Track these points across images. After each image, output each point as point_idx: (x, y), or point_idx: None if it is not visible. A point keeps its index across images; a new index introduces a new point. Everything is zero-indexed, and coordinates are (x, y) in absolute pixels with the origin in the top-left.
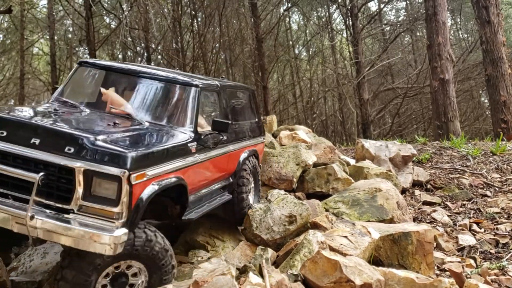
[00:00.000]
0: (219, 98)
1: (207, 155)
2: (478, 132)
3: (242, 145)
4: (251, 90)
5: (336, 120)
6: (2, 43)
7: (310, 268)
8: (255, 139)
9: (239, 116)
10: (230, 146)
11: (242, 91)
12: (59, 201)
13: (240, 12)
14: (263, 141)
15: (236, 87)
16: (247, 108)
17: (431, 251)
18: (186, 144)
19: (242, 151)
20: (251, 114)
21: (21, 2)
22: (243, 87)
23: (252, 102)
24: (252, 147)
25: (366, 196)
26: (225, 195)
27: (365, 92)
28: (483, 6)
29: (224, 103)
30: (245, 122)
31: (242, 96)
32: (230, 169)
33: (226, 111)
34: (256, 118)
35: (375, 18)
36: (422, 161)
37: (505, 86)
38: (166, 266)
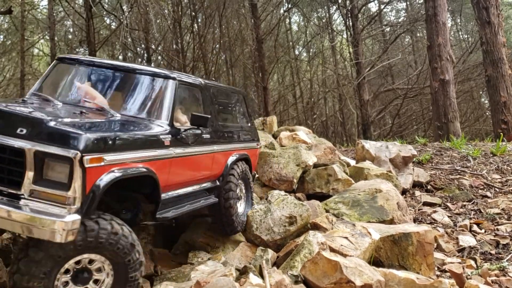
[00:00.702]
0: (202, 96)
1: (185, 150)
2: (479, 133)
3: (230, 147)
4: (243, 94)
5: (337, 121)
6: (3, 44)
7: (310, 269)
8: (246, 144)
9: (228, 118)
10: (215, 146)
11: (232, 93)
12: (10, 186)
13: (240, 13)
14: (256, 147)
15: (225, 89)
16: (238, 111)
17: (431, 252)
18: (158, 135)
19: (230, 154)
20: (242, 117)
21: (21, 2)
22: (233, 90)
23: (244, 106)
24: (242, 151)
25: (366, 197)
26: (210, 198)
27: (365, 93)
28: (483, 7)
29: (209, 102)
30: (235, 125)
31: (232, 98)
32: (216, 171)
33: (210, 110)
34: (249, 123)
35: (375, 19)
36: (422, 162)
37: (505, 87)
38: (133, 262)
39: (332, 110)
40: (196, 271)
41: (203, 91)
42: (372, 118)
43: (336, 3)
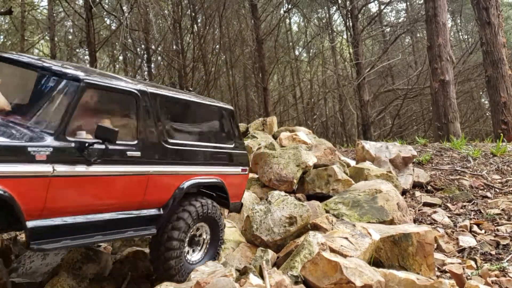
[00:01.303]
0: (138, 106)
1: (78, 169)
2: (479, 133)
3: (186, 170)
4: (229, 110)
5: (337, 121)
6: (3, 44)
7: (310, 269)
8: (222, 168)
9: (192, 136)
10: (151, 167)
11: (209, 108)
12: None
13: (240, 14)
14: (241, 173)
15: (192, 102)
16: (214, 129)
17: (431, 252)
18: (23, 147)
19: (185, 178)
20: (222, 137)
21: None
22: (212, 105)
23: (228, 124)
24: (211, 176)
25: (366, 197)
26: (147, 228)
27: (366, 93)
28: (483, 7)
29: (150, 114)
30: (203, 144)
31: (207, 114)
32: (156, 197)
33: (150, 123)
34: (234, 144)
35: (376, 19)
36: (422, 162)
37: (506, 87)
38: None
39: (332, 110)
40: (196, 271)
41: (141, 100)
42: (372, 118)
43: (336, 3)
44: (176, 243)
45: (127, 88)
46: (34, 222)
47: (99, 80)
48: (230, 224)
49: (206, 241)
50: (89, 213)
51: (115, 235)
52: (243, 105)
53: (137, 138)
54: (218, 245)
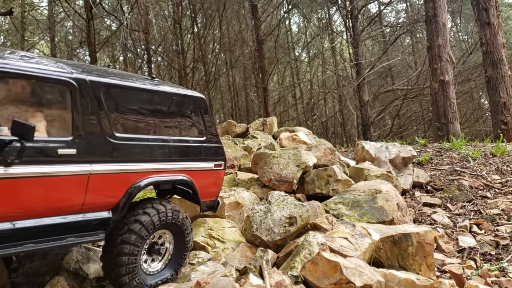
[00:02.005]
0: (74, 97)
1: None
2: (478, 133)
3: (140, 167)
4: (198, 100)
5: (336, 121)
6: (3, 45)
7: (310, 269)
8: (190, 163)
9: (146, 129)
10: (93, 166)
11: (168, 97)
12: None
13: (240, 14)
14: (214, 168)
15: (146, 90)
16: (179, 121)
17: (431, 252)
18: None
19: (139, 177)
20: (190, 129)
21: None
22: (172, 93)
23: (198, 115)
24: (176, 173)
25: (366, 197)
26: (93, 234)
27: (365, 94)
28: (483, 8)
29: (89, 106)
30: (164, 138)
31: (166, 103)
32: (100, 199)
33: (88, 116)
34: (205, 136)
35: (375, 20)
36: (422, 162)
37: (505, 88)
38: None
39: (332, 111)
40: (196, 271)
41: (78, 90)
42: (372, 119)
43: (336, 4)
44: (129, 248)
45: (58, 76)
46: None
47: (17, 68)
48: (230, 224)
49: (169, 250)
50: (13, 219)
51: (51, 243)
52: (243, 105)
53: (72, 134)
54: (183, 254)
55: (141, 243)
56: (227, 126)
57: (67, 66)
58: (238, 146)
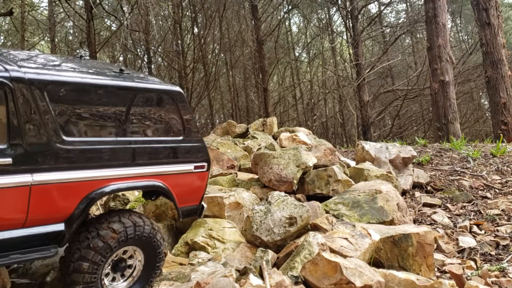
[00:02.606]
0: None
1: None
2: (478, 134)
3: (97, 175)
4: (172, 94)
5: (336, 122)
6: (3, 45)
7: (310, 269)
8: (161, 167)
9: (105, 130)
10: (35, 176)
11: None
12: None
13: (240, 14)
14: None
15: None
16: (145, 120)
17: (431, 253)
18: None
19: (97, 185)
20: (159, 129)
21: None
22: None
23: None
24: (145, 178)
25: (366, 198)
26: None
27: (365, 94)
28: (483, 8)
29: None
30: (127, 140)
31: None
32: (48, 212)
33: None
34: (181, 136)
35: (375, 20)
36: (422, 163)
37: (505, 88)
38: None
39: (332, 111)
40: (196, 272)
41: (14, 91)
42: (372, 119)
43: (336, 4)
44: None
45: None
46: None
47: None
48: (230, 224)
49: (138, 268)
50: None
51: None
52: (243, 106)
53: (7, 142)
54: (154, 269)
55: (97, 269)
56: (227, 127)
57: (3, 63)
58: (238, 147)
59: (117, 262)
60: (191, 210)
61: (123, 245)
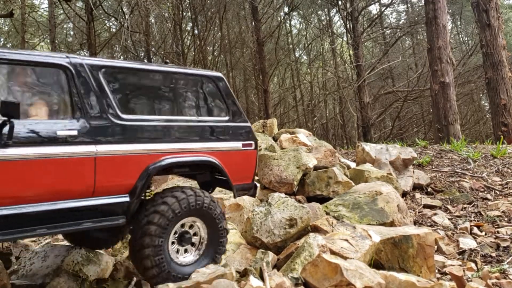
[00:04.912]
0: (70, 79)
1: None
2: (479, 135)
3: (153, 148)
4: (214, 79)
5: (337, 123)
6: (3, 46)
7: (310, 271)
8: (211, 143)
9: (158, 110)
10: (98, 147)
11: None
12: None
13: (240, 16)
14: (243, 149)
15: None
16: (193, 101)
17: (432, 254)
18: None
19: (154, 158)
20: (206, 109)
21: (22, 5)
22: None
23: (213, 94)
24: (197, 154)
25: (366, 199)
26: (112, 219)
27: (366, 95)
28: (483, 9)
29: (88, 87)
30: (178, 118)
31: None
32: (112, 182)
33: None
34: (226, 116)
35: (376, 21)
36: (422, 164)
37: (506, 89)
38: None
39: (332, 112)
40: (197, 272)
41: (74, 73)
42: (372, 120)
43: (336, 5)
44: (150, 241)
45: (53, 61)
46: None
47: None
48: (231, 226)
49: (202, 240)
50: (19, 203)
51: (66, 228)
52: (244, 107)
53: (72, 116)
54: (218, 245)
55: (164, 233)
56: None
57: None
58: None
59: (182, 234)
60: (244, 188)
61: (186, 214)
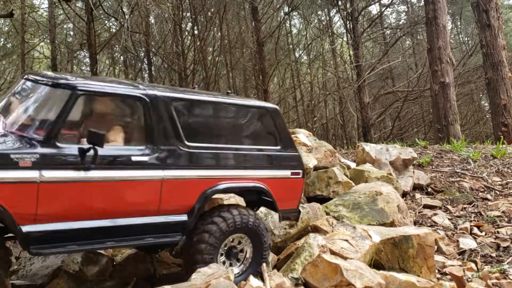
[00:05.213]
0: (146, 110)
1: (78, 174)
2: (479, 135)
3: (212, 174)
4: (270, 110)
5: (337, 123)
6: (3, 47)
7: (310, 271)
8: (263, 171)
9: (218, 138)
10: (165, 172)
11: (239, 109)
12: None
13: (240, 16)
14: (291, 177)
15: (216, 102)
16: (249, 131)
17: (432, 254)
18: (4, 154)
19: (212, 183)
20: (260, 139)
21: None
22: (242, 106)
23: (267, 125)
24: (249, 180)
25: (366, 199)
26: (171, 236)
27: (366, 96)
28: (483, 9)
29: (161, 118)
30: (235, 147)
31: (237, 115)
32: (174, 203)
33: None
34: (279, 146)
35: (376, 21)
36: (422, 164)
37: (506, 90)
38: None
39: (332, 112)
40: (198, 273)
41: (149, 104)
42: (372, 120)
43: (337, 5)
44: (201, 258)
45: (131, 93)
46: (29, 227)
47: (95, 88)
48: None
49: (248, 255)
50: (93, 218)
51: (131, 242)
52: None
53: (145, 143)
54: (261, 257)
55: (213, 250)
56: None
57: (139, 84)
58: None
59: (229, 249)
60: (288, 212)
61: (233, 231)
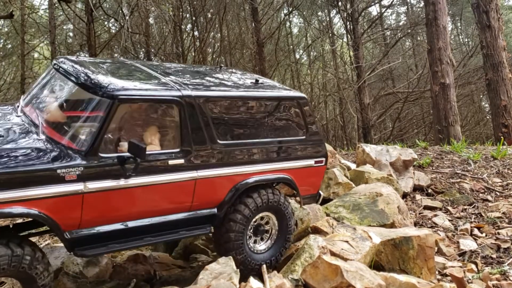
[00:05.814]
0: (181, 113)
1: (120, 182)
2: (479, 136)
3: (241, 170)
4: (298, 99)
5: (337, 124)
6: (3, 48)
7: (311, 273)
8: (288, 163)
9: (246, 134)
10: (198, 172)
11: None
12: None
13: (240, 17)
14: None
15: (247, 97)
16: (276, 123)
17: (432, 255)
18: (50, 169)
19: (240, 178)
20: (290, 129)
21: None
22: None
23: (299, 114)
24: (276, 172)
25: (367, 200)
26: (202, 228)
27: (366, 97)
28: (483, 11)
29: (195, 120)
30: (262, 141)
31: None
32: (205, 200)
33: (194, 129)
34: (306, 135)
35: (376, 22)
36: (423, 165)
37: (506, 91)
38: None
39: (332, 113)
40: (206, 270)
41: (185, 106)
42: (372, 121)
43: (337, 6)
44: (233, 236)
45: (168, 97)
46: (74, 232)
47: (134, 94)
48: None
49: (274, 231)
50: (132, 219)
51: (167, 236)
52: None
53: (180, 146)
54: (286, 235)
55: (246, 222)
56: None
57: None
58: None
59: (257, 226)
60: (310, 197)
61: (256, 212)
